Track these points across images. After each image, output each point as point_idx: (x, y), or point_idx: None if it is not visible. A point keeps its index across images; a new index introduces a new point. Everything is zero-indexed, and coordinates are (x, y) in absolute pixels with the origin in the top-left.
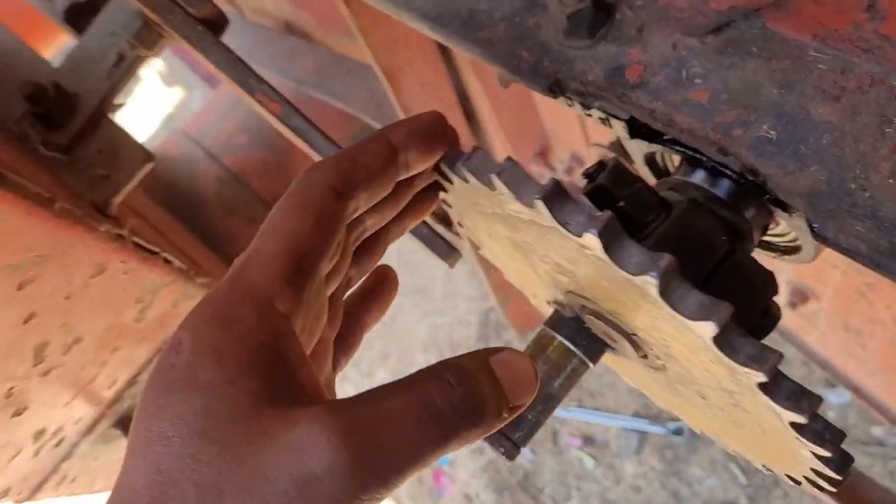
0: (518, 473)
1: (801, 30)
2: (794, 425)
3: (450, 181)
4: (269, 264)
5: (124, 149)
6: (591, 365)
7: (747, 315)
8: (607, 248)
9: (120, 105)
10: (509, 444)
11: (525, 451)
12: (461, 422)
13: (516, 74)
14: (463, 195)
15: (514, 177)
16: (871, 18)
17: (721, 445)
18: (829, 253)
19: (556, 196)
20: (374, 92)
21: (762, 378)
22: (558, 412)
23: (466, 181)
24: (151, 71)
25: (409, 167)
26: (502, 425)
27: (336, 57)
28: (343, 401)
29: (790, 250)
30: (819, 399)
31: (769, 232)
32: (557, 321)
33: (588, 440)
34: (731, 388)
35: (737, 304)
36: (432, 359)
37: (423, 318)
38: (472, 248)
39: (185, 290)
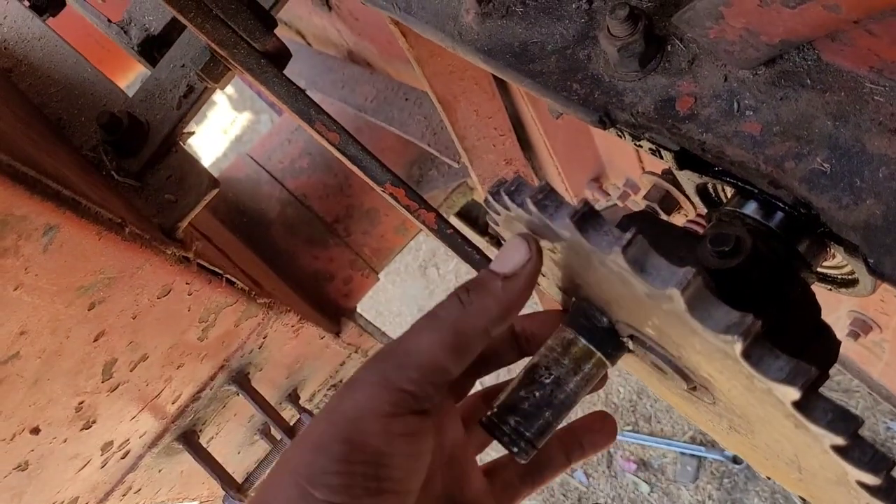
0: (572, 496)
1: (857, 61)
2: (862, 485)
3: (496, 212)
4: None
5: (192, 175)
6: (609, 365)
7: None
8: (691, 308)
9: (189, 133)
10: (524, 442)
11: (579, 474)
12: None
13: (567, 106)
14: (511, 222)
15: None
16: None
17: (755, 468)
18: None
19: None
20: (431, 119)
21: (840, 442)
22: None
23: (509, 210)
24: (222, 96)
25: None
26: (504, 311)
27: (395, 84)
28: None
29: (847, 283)
30: (894, 463)
31: (826, 264)
32: (579, 320)
33: (643, 464)
34: (796, 440)
35: (806, 350)
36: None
37: None
38: None
39: (247, 309)
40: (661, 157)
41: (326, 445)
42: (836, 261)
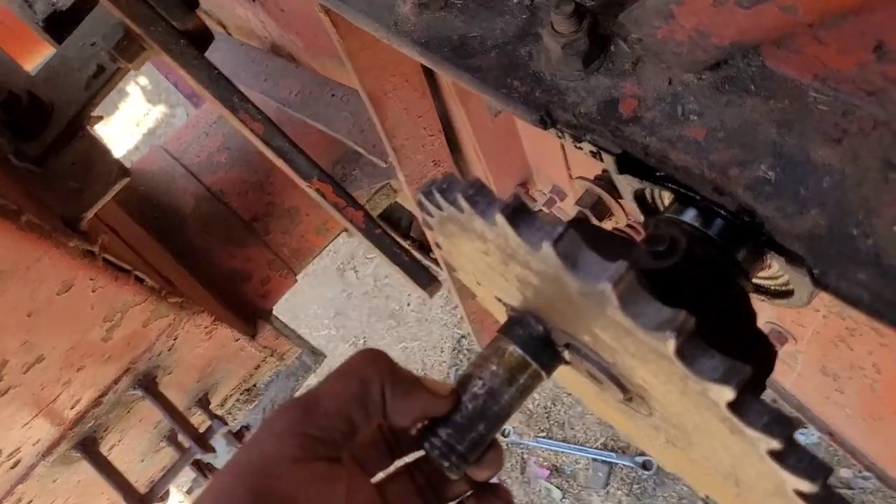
0: None
1: (802, 69)
2: (799, 494)
3: (429, 213)
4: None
5: (100, 163)
6: (545, 377)
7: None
8: (624, 304)
9: (98, 118)
10: (455, 456)
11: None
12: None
13: (507, 104)
14: (444, 223)
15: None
16: (878, 60)
17: (693, 487)
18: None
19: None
20: (358, 117)
21: (776, 446)
22: (527, 442)
23: (441, 209)
24: (135, 87)
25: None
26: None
27: (321, 80)
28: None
29: (782, 294)
30: (830, 470)
31: (761, 274)
32: (514, 329)
33: (556, 470)
34: (733, 447)
35: (743, 355)
36: None
37: (396, 343)
38: (448, 274)
39: (157, 309)
40: (602, 160)
41: (233, 497)
42: (772, 271)
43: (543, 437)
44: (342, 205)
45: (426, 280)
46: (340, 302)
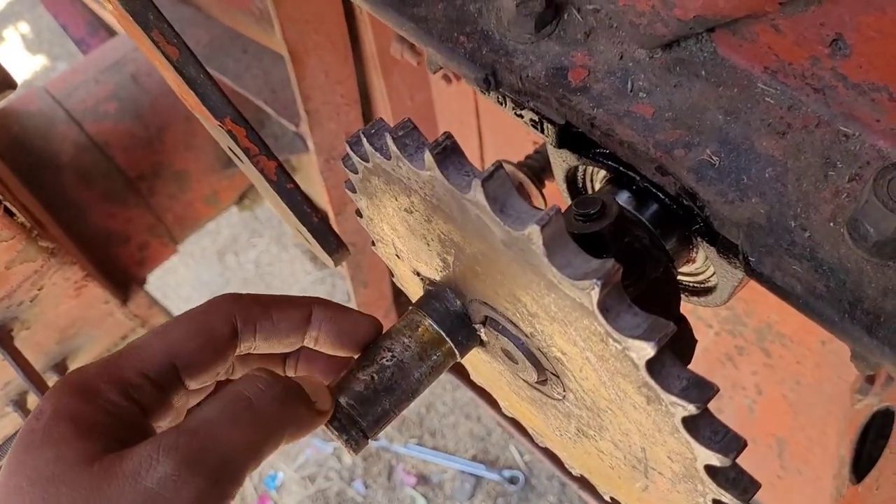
0: None
1: (753, 59)
2: (710, 470)
3: (354, 168)
4: (144, 363)
5: None
6: (458, 356)
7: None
8: (550, 250)
9: None
10: (357, 431)
11: (357, 484)
12: (275, 411)
13: (451, 59)
14: (371, 177)
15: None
16: (833, 54)
17: (600, 487)
18: (703, 312)
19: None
20: (270, 76)
21: (693, 411)
22: (397, 448)
23: (368, 161)
24: (15, 33)
25: (316, 344)
26: (317, 420)
27: (233, 34)
28: (177, 424)
29: (701, 292)
30: (745, 443)
31: (681, 270)
32: (431, 303)
33: (423, 479)
34: (646, 423)
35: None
36: None
37: None
38: (345, 264)
39: (25, 250)
40: (542, 131)
41: None
42: (693, 266)
43: (414, 444)
44: (254, 151)
45: (335, 245)
46: (217, 286)
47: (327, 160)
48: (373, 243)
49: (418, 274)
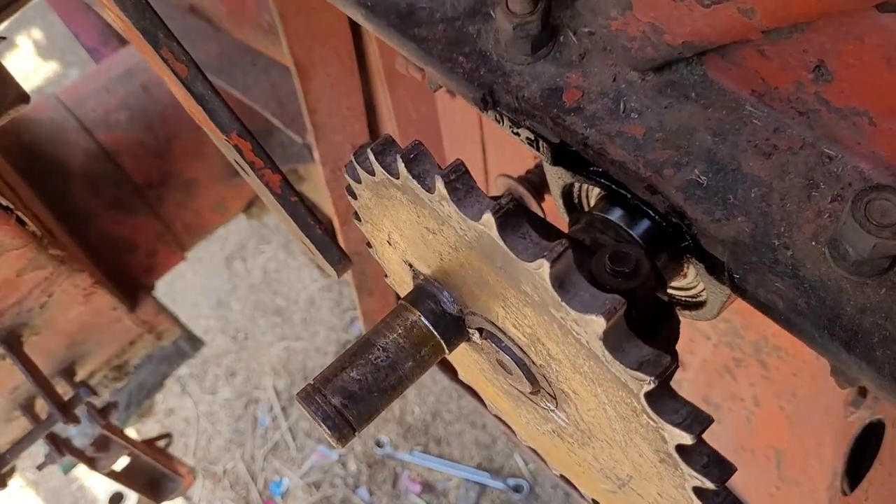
0: None
1: (741, 83)
2: (679, 449)
3: (356, 177)
4: None
5: None
6: (447, 354)
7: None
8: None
9: (1, 38)
10: (344, 423)
11: (362, 491)
12: None
13: (450, 79)
14: (376, 191)
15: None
16: (816, 80)
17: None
18: (702, 324)
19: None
20: (278, 88)
21: (650, 386)
22: (402, 455)
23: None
24: (27, 40)
25: None
26: None
27: (242, 47)
28: None
29: (692, 306)
30: (710, 420)
31: (673, 284)
32: (426, 302)
33: (428, 487)
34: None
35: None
36: (282, 384)
37: (279, 341)
38: (353, 270)
39: (36, 258)
40: (538, 149)
41: None
42: (685, 282)
43: (419, 452)
44: (259, 165)
45: (338, 257)
46: (224, 292)
47: (333, 171)
48: (356, 217)
49: (410, 265)
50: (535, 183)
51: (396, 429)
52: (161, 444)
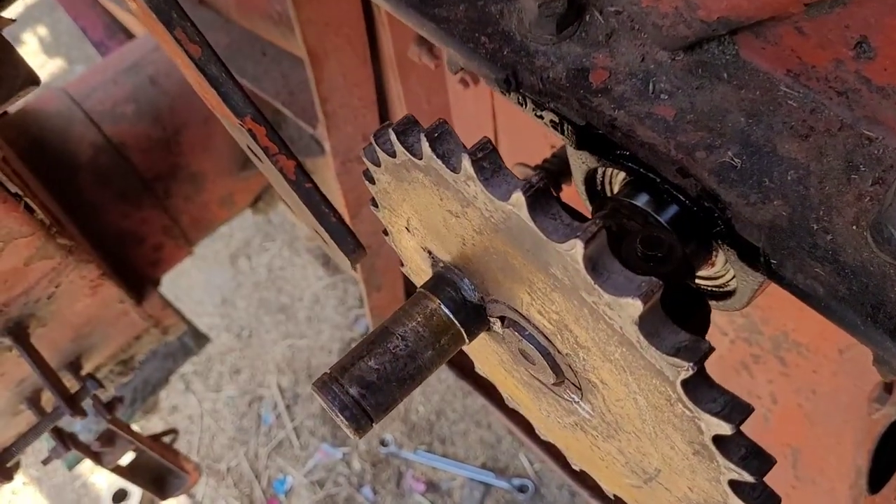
0: None
1: (775, 63)
2: (716, 440)
3: (376, 160)
4: None
5: (7, 65)
6: (467, 340)
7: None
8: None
9: (10, 21)
10: (362, 414)
11: (366, 490)
12: None
13: (472, 60)
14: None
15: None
16: (857, 57)
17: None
18: (719, 319)
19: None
20: (289, 79)
21: (688, 373)
22: (406, 454)
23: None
24: (33, 36)
25: None
26: None
27: (252, 37)
28: None
29: (720, 296)
30: (750, 409)
31: (700, 274)
32: (446, 290)
33: (432, 486)
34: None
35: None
36: (286, 381)
37: (283, 339)
38: (361, 268)
39: (44, 247)
40: (562, 133)
41: None
42: (712, 271)
43: (424, 451)
44: (274, 150)
45: (352, 246)
46: (229, 290)
47: (344, 162)
48: (373, 203)
49: (429, 252)
50: (553, 172)
51: (401, 427)
52: (167, 439)
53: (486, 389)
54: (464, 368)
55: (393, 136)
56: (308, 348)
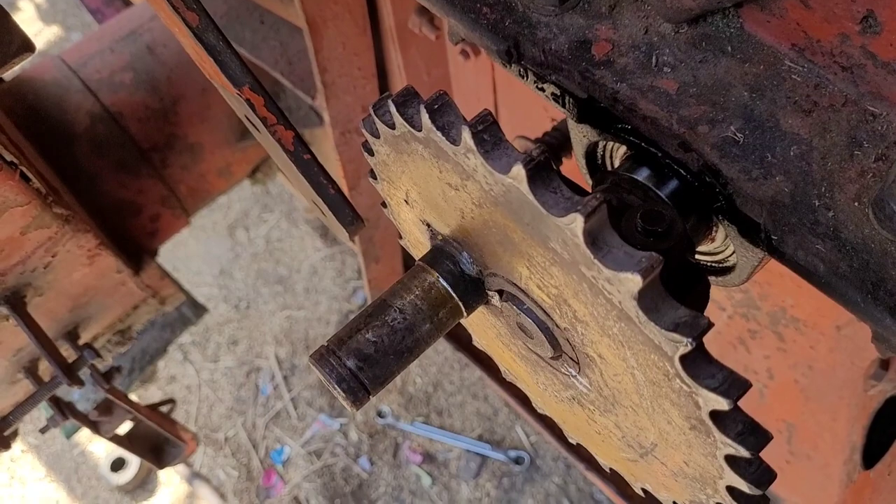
0: (353, 482)
1: (780, 36)
2: (713, 415)
3: (375, 132)
4: None
5: (0, 31)
6: (465, 314)
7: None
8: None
9: None
10: (359, 386)
11: (363, 460)
12: None
13: (474, 30)
14: (401, 146)
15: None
16: (863, 31)
17: (606, 462)
18: (717, 295)
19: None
20: (287, 48)
21: (686, 348)
22: (403, 425)
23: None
24: (29, 3)
25: None
26: None
27: (250, 5)
28: None
29: (719, 271)
30: (748, 385)
31: (699, 249)
32: (444, 263)
33: (429, 457)
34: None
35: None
36: (284, 353)
37: (281, 311)
38: (360, 239)
39: (40, 216)
40: (564, 106)
41: None
42: (712, 246)
43: (421, 423)
44: (272, 120)
45: (350, 217)
46: (227, 261)
47: (343, 133)
48: (371, 175)
49: (428, 225)
50: (553, 146)
51: (398, 399)
52: (164, 409)
53: (484, 362)
54: (461, 341)
55: (392, 108)
56: (306, 320)
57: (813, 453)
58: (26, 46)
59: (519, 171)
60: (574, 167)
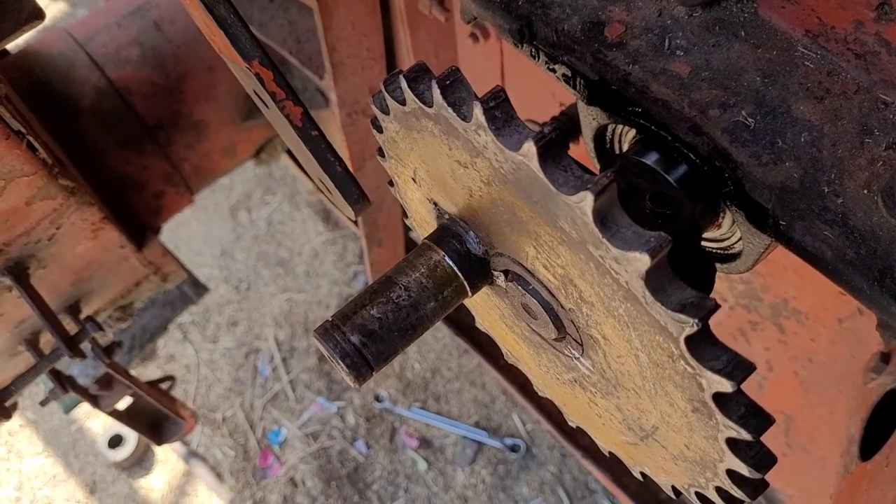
0: (349, 465)
1: (794, 22)
2: (716, 397)
3: (385, 108)
4: None
5: None
6: (470, 293)
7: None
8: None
9: None
10: (362, 362)
11: (360, 444)
12: None
13: (485, 9)
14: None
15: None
16: (879, 18)
17: (607, 448)
18: (719, 285)
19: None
20: (296, 26)
21: (692, 329)
22: (400, 410)
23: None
24: None
25: None
26: None
27: None
28: None
29: (725, 258)
30: (752, 367)
31: (705, 235)
32: (451, 242)
33: (425, 443)
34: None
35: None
36: (283, 335)
37: (281, 293)
38: (363, 221)
39: (46, 187)
40: (574, 87)
41: None
42: (718, 233)
43: (418, 408)
44: (281, 96)
45: (356, 196)
46: (228, 242)
47: (350, 114)
48: (379, 153)
49: (435, 203)
50: (561, 129)
51: (396, 384)
52: (164, 386)
53: (483, 349)
54: (461, 326)
55: (404, 83)
56: (306, 303)
57: (810, 446)
58: (36, 14)
59: (530, 147)
60: (581, 153)
